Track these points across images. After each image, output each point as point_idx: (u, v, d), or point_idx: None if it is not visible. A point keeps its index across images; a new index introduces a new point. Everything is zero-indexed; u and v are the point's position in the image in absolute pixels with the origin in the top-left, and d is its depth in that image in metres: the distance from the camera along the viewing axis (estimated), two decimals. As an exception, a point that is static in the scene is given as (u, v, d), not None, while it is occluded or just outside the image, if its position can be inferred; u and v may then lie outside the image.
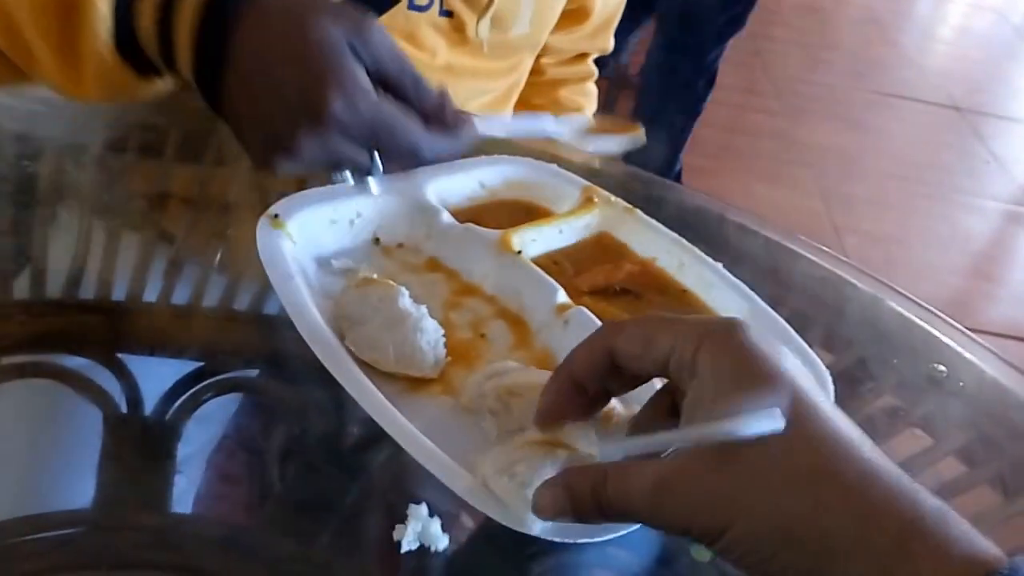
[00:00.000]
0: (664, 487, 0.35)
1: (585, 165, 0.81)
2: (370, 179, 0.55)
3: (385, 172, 0.54)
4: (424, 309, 0.52)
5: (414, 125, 0.52)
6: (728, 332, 0.36)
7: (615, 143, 0.64)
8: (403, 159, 0.54)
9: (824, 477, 0.33)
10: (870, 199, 2.67)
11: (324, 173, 0.55)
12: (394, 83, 0.52)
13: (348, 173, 0.55)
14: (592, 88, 0.98)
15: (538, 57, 0.91)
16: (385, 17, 0.72)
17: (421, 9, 0.74)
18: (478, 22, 0.75)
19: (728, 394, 0.35)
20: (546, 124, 0.59)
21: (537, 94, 0.93)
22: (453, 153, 0.55)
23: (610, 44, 0.95)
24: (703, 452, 0.35)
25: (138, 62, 0.54)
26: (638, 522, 0.38)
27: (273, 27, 0.50)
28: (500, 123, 0.58)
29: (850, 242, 2.42)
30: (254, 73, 0.50)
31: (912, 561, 0.32)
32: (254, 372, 0.57)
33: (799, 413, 0.34)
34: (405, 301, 0.52)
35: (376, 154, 0.53)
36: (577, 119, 0.63)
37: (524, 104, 0.92)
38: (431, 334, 0.51)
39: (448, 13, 0.75)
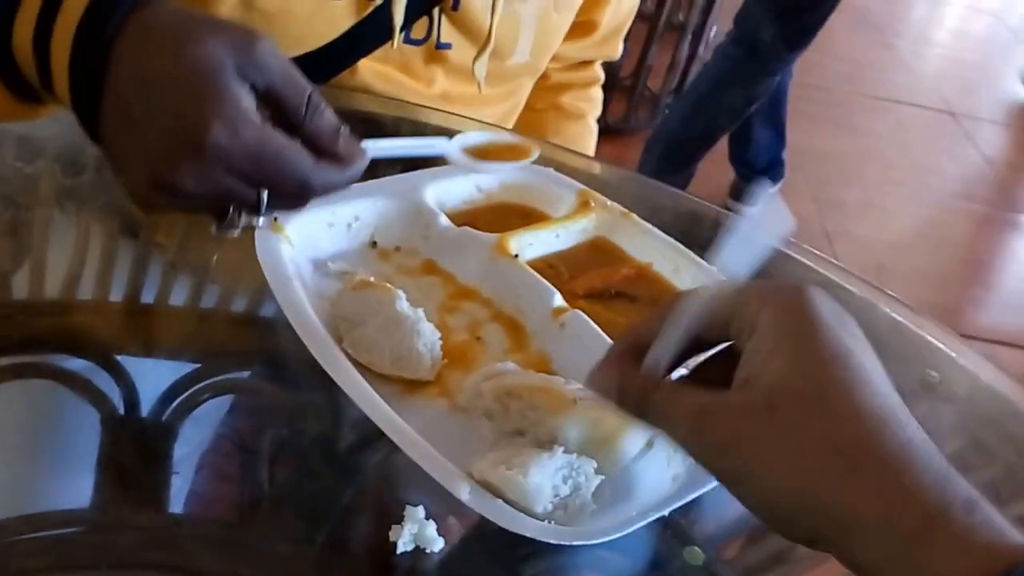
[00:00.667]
0: (706, 417, 0.36)
1: (581, 169, 0.81)
2: (259, 219, 0.48)
3: (271, 208, 0.47)
4: (421, 312, 0.52)
5: (303, 157, 0.46)
6: (795, 294, 0.37)
7: (507, 167, 0.63)
8: (290, 195, 0.47)
9: (861, 451, 0.33)
10: (863, 204, 2.69)
11: (207, 215, 0.48)
12: (286, 107, 0.46)
13: (233, 213, 0.48)
14: (597, 93, 0.96)
15: None
16: (379, 51, 0.71)
17: (417, 43, 0.73)
18: (475, 60, 0.73)
19: (784, 349, 0.35)
20: (437, 144, 0.57)
21: (539, 99, 0.92)
22: (343, 184, 0.49)
23: (618, 51, 0.93)
24: (753, 395, 0.35)
25: (17, 85, 0.48)
26: (673, 440, 0.38)
27: (152, 45, 0.44)
28: (390, 145, 0.54)
29: (842, 247, 2.43)
30: (131, 97, 0.44)
31: (931, 546, 0.32)
32: (251, 373, 0.57)
33: (850, 382, 0.34)
34: (402, 304, 0.52)
35: (264, 191, 0.46)
36: (471, 137, 0.60)
37: (527, 108, 0.90)
38: (428, 337, 0.51)
39: (447, 46, 0.74)
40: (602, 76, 0.96)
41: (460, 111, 0.77)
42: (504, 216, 0.66)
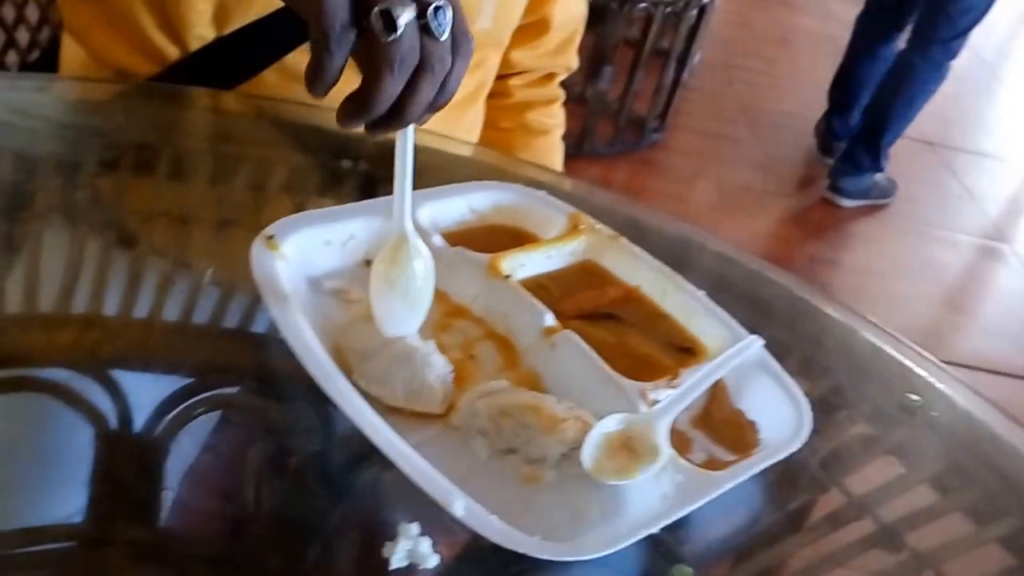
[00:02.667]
0: None
1: (572, 192, 0.83)
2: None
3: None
4: (432, 344, 0.53)
5: None
6: None
7: None
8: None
9: None
10: (844, 230, 2.74)
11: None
12: None
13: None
14: (560, 111, 0.99)
15: (505, 78, 0.92)
16: None
17: None
18: None
19: None
20: None
21: (505, 117, 0.95)
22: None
23: (574, 62, 0.97)
24: None
25: None
26: None
27: None
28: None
29: (824, 272, 2.47)
30: None
31: None
32: (244, 389, 0.58)
33: None
34: (413, 336, 0.53)
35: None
36: None
37: (492, 127, 0.93)
38: (440, 369, 0.52)
39: None
40: (562, 94, 0.99)
41: None
42: (496, 237, 0.68)
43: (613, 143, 2.61)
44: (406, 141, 0.50)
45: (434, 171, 0.80)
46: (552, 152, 0.98)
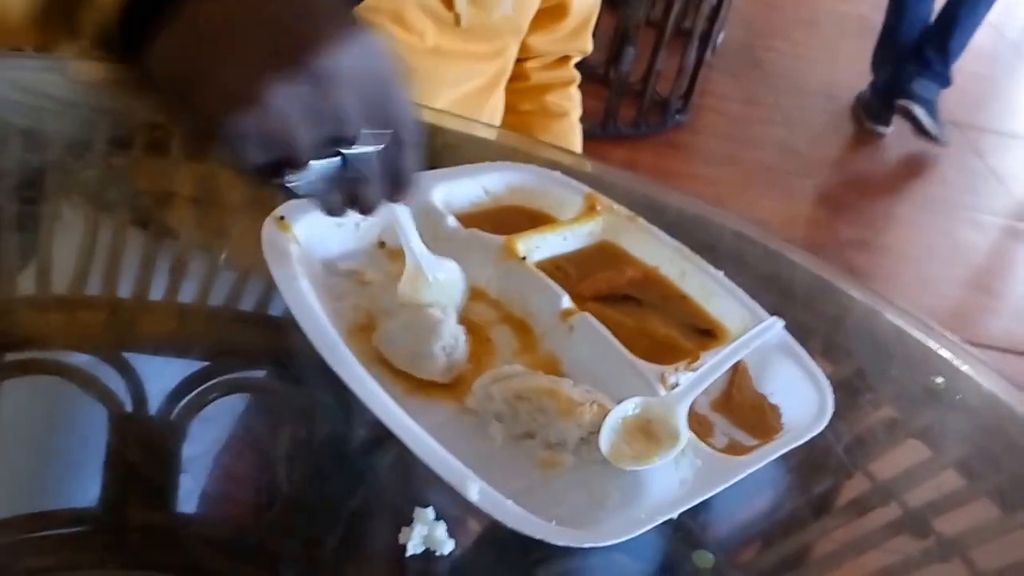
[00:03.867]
0: None
1: (588, 172, 0.83)
2: (314, 163, 0.43)
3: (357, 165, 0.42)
4: (452, 315, 0.53)
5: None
6: None
7: None
8: (393, 163, 0.44)
9: None
10: (873, 212, 2.70)
11: (263, 170, 0.43)
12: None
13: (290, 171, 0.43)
14: (576, 93, 1.00)
15: (522, 61, 0.93)
16: (371, 0, 0.73)
17: None
18: None
19: None
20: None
21: (524, 100, 0.96)
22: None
23: (589, 46, 0.98)
24: None
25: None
26: None
27: None
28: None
29: (851, 254, 2.45)
30: (231, 8, 0.41)
31: None
32: (260, 372, 0.58)
33: None
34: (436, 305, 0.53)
35: (363, 133, 0.42)
36: None
37: (512, 111, 0.94)
38: (447, 340, 0.52)
39: None
40: (578, 76, 1.00)
41: (453, 67, 0.80)
42: (511, 219, 0.67)
43: (637, 125, 2.58)
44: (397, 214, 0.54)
45: (453, 152, 0.80)
46: (571, 134, 0.99)
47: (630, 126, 2.56)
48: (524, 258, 0.61)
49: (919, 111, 2.80)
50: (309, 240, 0.58)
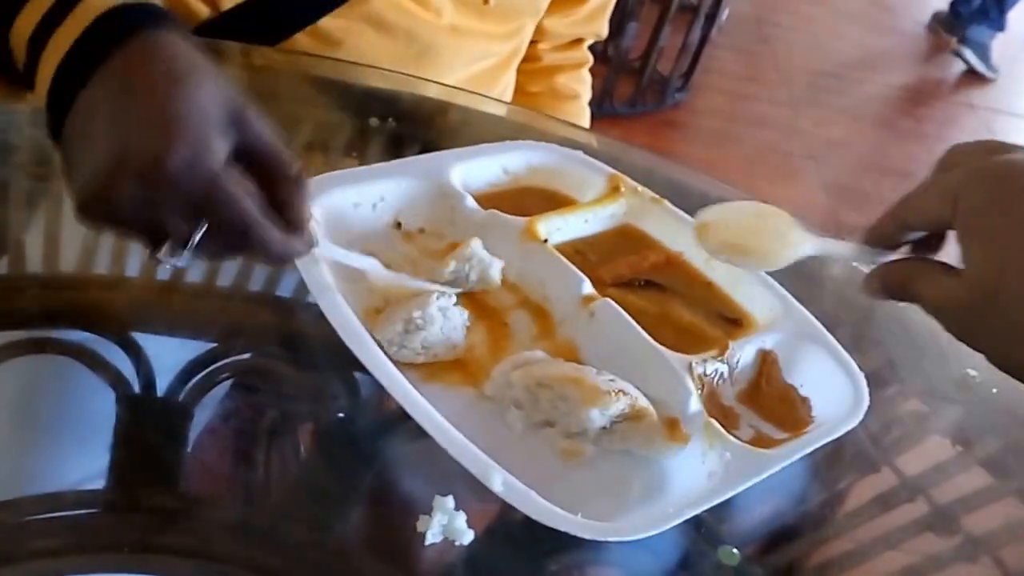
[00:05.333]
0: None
1: (607, 152, 0.81)
2: (184, 251, 0.46)
3: (202, 249, 0.45)
4: (447, 298, 0.52)
5: (252, 209, 0.45)
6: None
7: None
8: (227, 238, 0.46)
9: None
10: (882, 199, 2.67)
11: (140, 240, 0.46)
12: (266, 168, 0.46)
13: (166, 245, 0.46)
14: (587, 75, 0.99)
15: (535, 43, 0.92)
16: None
17: None
18: None
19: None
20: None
21: (533, 81, 0.95)
22: (280, 253, 0.47)
23: (604, 29, 0.96)
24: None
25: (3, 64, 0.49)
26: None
27: (152, 59, 0.45)
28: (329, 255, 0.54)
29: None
30: (106, 97, 0.44)
31: None
32: (270, 353, 0.58)
33: None
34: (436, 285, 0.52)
35: (199, 229, 0.45)
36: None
37: (521, 92, 0.93)
38: (433, 333, 0.51)
39: None
40: (591, 58, 0.99)
41: (468, 46, 0.79)
42: (531, 200, 0.66)
43: (634, 103, 2.52)
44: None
45: (465, 129, 0.78)
46: (579, 117, 0.99)
47: (626, 105, 2.50)
48: (545, 241, 0.60)
49: (969, 54, 3.14)
50: (327, 220, 0.57)
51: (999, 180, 0.39)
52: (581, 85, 0.98)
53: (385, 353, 0.49)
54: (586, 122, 0.99)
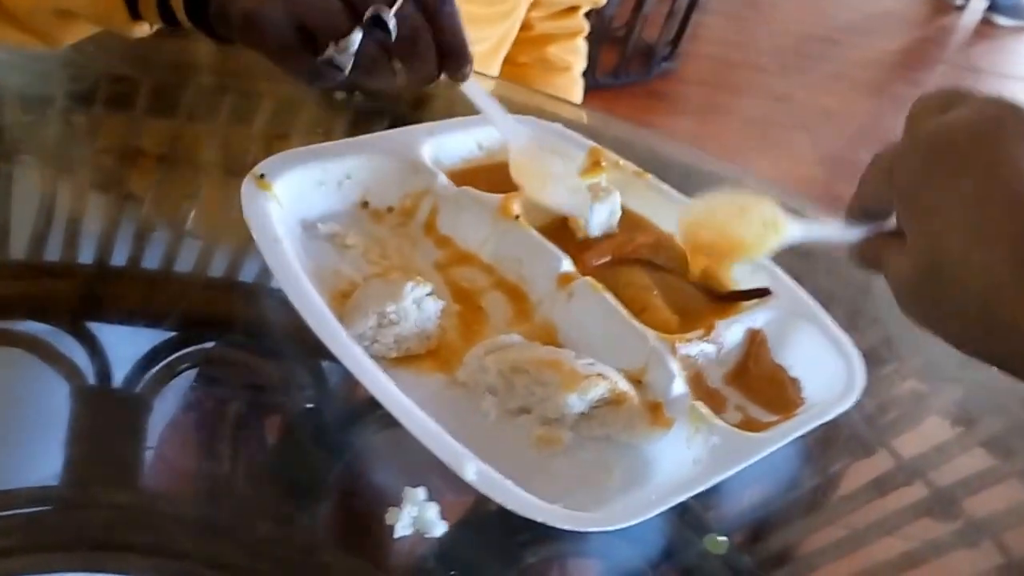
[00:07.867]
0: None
1: (590, 126, 0.81)
2: (349, 46, 0.49)
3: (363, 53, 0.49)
4: (420, 289, 0.51)
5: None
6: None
7: None
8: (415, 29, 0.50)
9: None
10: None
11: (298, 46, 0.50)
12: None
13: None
14: (582, 44, 0.97)
15: (528, 10, 0.90)
16: None
17: None
18: None
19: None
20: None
21: (523, 51, 0.93)
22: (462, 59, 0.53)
23: None
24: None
25: None
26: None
27: None
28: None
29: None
30: None
31: None
32: (230, 342, 0.57)
33: None
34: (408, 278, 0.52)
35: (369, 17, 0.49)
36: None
37: (510, 62, 0.91)
38: (403, 327, 0.50)
39: None
40: (587, 26, 0.97)
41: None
42: (506, 176, 0.65)
43: (618, 74, 2.48)
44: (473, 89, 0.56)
45: (442, 104, 0.78)
46: (571, 89, 0.97)
47: (609, 75, 2.46)
48: (519, 217, 0.59)
49: (1002, 20, 3.27)
50: (289, 199, 0.56)
51: (932, 152, 0.38)
52: (574, 56, 0.96)
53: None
54: (578, 95, 0.97)
